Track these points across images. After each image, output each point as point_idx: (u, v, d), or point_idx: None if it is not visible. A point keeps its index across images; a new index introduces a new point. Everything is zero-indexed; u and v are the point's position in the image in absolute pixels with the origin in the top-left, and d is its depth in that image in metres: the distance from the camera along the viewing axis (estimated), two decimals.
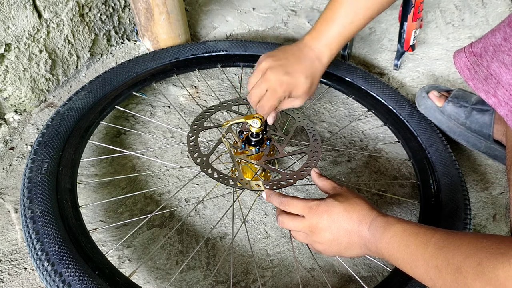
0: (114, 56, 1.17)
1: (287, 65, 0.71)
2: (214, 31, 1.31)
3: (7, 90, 0.93)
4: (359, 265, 0.75)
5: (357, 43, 1.27)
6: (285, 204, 0.62)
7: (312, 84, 0.74)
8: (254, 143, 0.77)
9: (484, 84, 0.56)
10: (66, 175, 0.71)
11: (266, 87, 0.71)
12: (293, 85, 0.71)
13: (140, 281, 0.71)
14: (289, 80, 0.70)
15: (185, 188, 0.85)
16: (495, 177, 0.90)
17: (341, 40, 0.73)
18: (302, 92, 0.73)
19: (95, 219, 0.79)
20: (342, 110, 1.06)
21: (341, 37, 0.73)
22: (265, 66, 0.71)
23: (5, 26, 0.86)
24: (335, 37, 0.73)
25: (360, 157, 0.94)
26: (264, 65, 0.71)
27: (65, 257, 0.57)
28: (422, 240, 0.48)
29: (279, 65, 0.71)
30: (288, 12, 1.40)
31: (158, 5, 1.07)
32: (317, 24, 0.74)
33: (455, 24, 1.32)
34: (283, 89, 0.71)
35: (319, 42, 0.73)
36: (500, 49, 0.53)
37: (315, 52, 0.73)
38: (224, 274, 0.73)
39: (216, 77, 1.13)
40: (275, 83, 0.70)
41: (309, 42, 0.74)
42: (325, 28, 0.73)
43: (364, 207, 0.57)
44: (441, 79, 1.15)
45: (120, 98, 0.93)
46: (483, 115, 0.88)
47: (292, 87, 0.71)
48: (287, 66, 0.71)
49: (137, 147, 0.94)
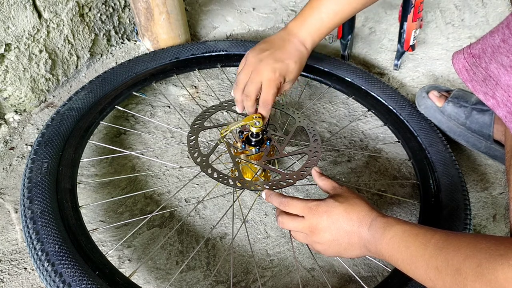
0: (114, 56, 1.17)
1: (275, 53, 0.73)
2: (214, 31, 1.31)
3: (7, 90, 0.93)
4: (359, 265, 0.75)
5: (357, 43, 1.27)
6: (285, 204, 0.62)
7: (300, 68, 0.76)
8: (254, 143, 0.77)
9: (483, 86, 0.56)
10: (66, 175, 0.71)
11: (260, 80, 0.72)
12: (285, 70, 0.73)
13: (140, 281, 0.71)
14: (281, 66, 0.72)
15: (185, 188, 0.85)
16: (495, 177, 0.90)
17: (324, 29, 0.76)
18: (294, 76, 0.75)
19: (95, 219, 0.79)
20: (342, 110, 1.06)
21: (324, 27, 0.75)
22: (253, 60, 0.73)
23: (5, 26, 0.86)
24: (318, 26, 0.75)
25: (360, 157, 0.94)
26: (252, 60, 0.73)
27: (65, 257, 0.57)
28: (422, 241, 0.48)
29: (267, 56, 0.72)
30: (288, 12, 1.40)
31: (158, 5, 1.07)
32: (302, 11, 0.76)
33: (455, 24, 1.32)
34: (278, 75, 0.72)
35: (303, 29, 0.75)
36: (498, 50, 0.53)
37: (299, 38, 0.76)
38: (224, 274, 0.73)
39: (216, 77, 1.13)
40: (270, 72, 0.71)
41: (294, 29, 0.76)
42: (309, 16, 0.75)
43: (364, 208, 0.57)
44: (441, 79, 1.15)
45: (120, 98, 0.93)
46: (483, 115, 0.88)
47: (285, 72, 0.73)
48: (275, 54, 0.73)
49: (137, 147, 0.94)
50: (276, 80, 0.72)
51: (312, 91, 1.11)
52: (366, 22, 1.35)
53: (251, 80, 0.72)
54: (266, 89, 0.72)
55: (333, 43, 1.27)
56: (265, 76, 0.71)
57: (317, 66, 1.06)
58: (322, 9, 0.74)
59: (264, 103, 0.73)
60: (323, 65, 1.06)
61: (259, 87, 0.72)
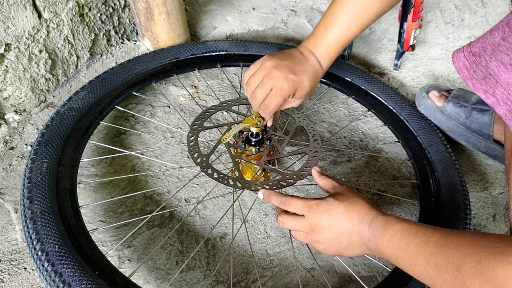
0: (114, 56, 1.18)
1: (292, 65, 0.72)
2: (214, 31, 1.31)
3: (7, 90, 0.93)
4: (359, 265, 0.75)
5: (357, 43, 1.28)
6: (285, 203, 0.62)
7: (313, 87, 0.75)
8: (254, 143, 0.77)
9: (483, 84, 0.56)
10: (66, 175, 0.71)
11: (271, 85, 0.70)
12: (298, 84, 0.71)
13: (140, 281, 0.71)
14: (295, 78, 0.71)
15: (185, 188, 0.85)
16: (495, 177, 0.90)
17: (339, 46, 0.75)
18: (305, 93, 0.74)
19: (95, 219, 0.79)
20: (342, 110, 1.06)
21: (339, 43, 0.75)
22: (270, 65, 0.71)
23: (5, 26, 0.86)
24: (334, 43, 0.74)
25: (360, 157, 0.94)
26: (269, 64, 0.71)
27: (65, 257, 0.57)
28: (422, 239, 0.48)
29: (285, 65, 0.71)
30: (288, 12, 1.40)
31: (158, 5, 1.07)
32: (316, 30, 0.76)
33: (455, 24, 1.32)
34: (289, 87, 0.71)
35: (319, 47, 0.75)
36: (498, 48, 0.53)
37: (316, 56, 0.75)
38: (224, 274, 0.73)
39: (216, 77, 1.13)
40: (282, 81, 0.70)
41: (310, 47, 0.75)
42: (324, 34, 0.74)
43: (364, 206, 0.57)
44: (441, 79, 1.15)
45: (120, 98, 0.93)
46: (483, 115, 0.88)
47: (298, 86, 0.72)
48: (292, 66, 0.72)
49: (137, 147, 0.94)
50: (285, 91, 0.71)
51: None
52: None
53: (262, 83, 0.71)
54: (272, 96, 0.71)
55: None
56: (277, 83, 0.70)
57: None
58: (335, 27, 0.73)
59: (264, 106, 0.72)
60: None
61: (268, 92, 0.71)
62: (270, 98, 0.71)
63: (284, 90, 0.70)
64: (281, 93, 0.71)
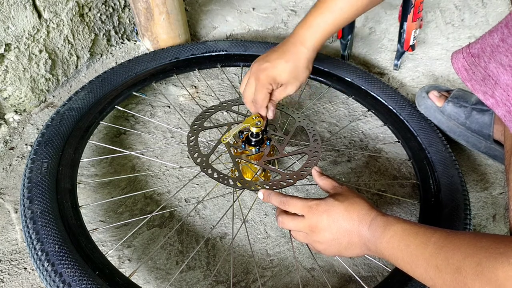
0: (114, 56, 1.18)
1: (269, 55, 0.74)
2: (214, 31, 1.31)
3: (7, 90, 0.93)
4: (359, 265, 0.75)
5: (357, 43, 1.27)
6: (285, 203, 0.62)
7: (297, 67, 0.73)
8: (254, 143, 0.77)
9: (482, 85, 0.56)
10: (66, 175, 0.71)
11: (253, 81, 0.73)
12: (273, 69, 0.72)
13: (140, 281, 0.71)
14: (268, 65, 0.72)
15: (185, 188, 0.85)
16: (495, 177, 0.90)
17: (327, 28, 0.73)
18: (288, 77, 0.73)
19: (95, 219, 0.79)
20: (342, 110, 1.06)
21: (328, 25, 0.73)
22: (253, 64, 0.74)
23: (5, 26, 0.86)
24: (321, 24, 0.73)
25: (360, 157, 0.94)
26: (252, 65, 0.75)
27: (65, 257, 0.57)
28: (422, 239, 0.48)
29: (261, 58, 0.74)
30: (288, 12, 1.40)
31: (158, 5, 1.07)
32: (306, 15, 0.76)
33: (455, 24, 1.32)
34: (265, 76, 0.72)
35: (303, 29, 0.74)
36: (497, 49, 0.53)
37: (298, 37, 0.74)
38: (224, 274, 0.73)
39: (216, 77, 1.13)
40: (258, 72, 0.72)
41: (295, 30, 0.76)
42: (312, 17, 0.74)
43: (364, 207, 0.57)
44: (441, 79, 1.15)
45: (120, 98, 0.93)
46: (483, 115, 0.88)
47: (274, 72, 0.72)
48: (269, 56, 0.74)
49: (137, 147, 0.94)
50: (263, 82, 0.72)
51: (312, 91, 1.11)
52: (366, 22, 1.35)
53: (248, 83, 0.75)
54: (256, 91, 0.73)
55: (333, 43, 1.28)
56: (256, 76, 0.73)
57: (317, 66, 1.06)
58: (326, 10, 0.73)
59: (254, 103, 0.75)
60: (323, 65, 1.06)
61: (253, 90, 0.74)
62: (256, 93, 0.73)
63: (261, 80, 0.72)
64: (261, 84, 0.72)
